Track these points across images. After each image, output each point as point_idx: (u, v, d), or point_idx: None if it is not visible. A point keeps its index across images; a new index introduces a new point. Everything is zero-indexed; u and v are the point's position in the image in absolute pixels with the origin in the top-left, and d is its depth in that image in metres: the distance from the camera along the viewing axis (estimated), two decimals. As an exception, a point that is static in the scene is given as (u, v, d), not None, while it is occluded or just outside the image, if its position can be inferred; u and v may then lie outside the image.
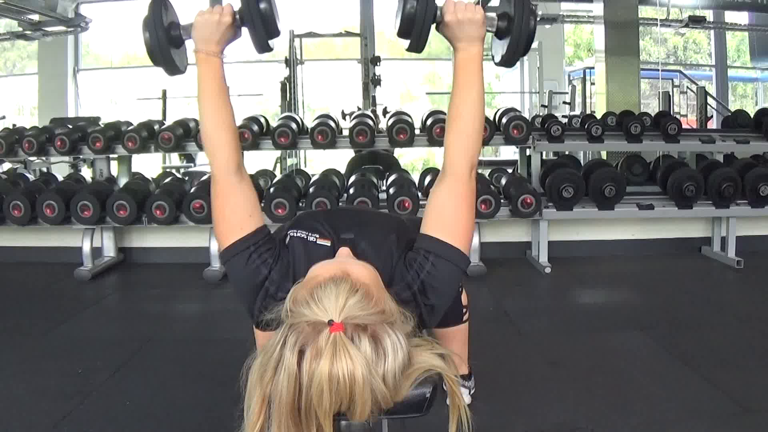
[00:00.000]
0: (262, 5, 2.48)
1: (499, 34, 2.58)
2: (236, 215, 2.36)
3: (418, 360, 1.86)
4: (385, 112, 10.68)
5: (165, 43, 2.52)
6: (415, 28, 2.44)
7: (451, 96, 2.45)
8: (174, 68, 2.61)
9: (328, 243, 2.35)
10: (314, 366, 1.70)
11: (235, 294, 2.45)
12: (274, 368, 1.75)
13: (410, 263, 2.30)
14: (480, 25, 2.41)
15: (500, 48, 2.61)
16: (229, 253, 2.33)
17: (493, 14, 2.55)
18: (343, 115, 9.67)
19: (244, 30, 2.54)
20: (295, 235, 2.39)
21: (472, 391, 3.82)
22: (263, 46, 2.58)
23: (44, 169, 10.36)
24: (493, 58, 2.71)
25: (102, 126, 8.29)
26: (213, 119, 2.44)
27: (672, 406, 3.93)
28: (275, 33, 2.59)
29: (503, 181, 7.74)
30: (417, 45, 2.51)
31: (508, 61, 2.59)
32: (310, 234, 2.38)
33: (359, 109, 10.70)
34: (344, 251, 2.28)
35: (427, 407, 1.98)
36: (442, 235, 2.29)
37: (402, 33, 2.51)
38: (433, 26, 2.49)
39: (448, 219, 2.33)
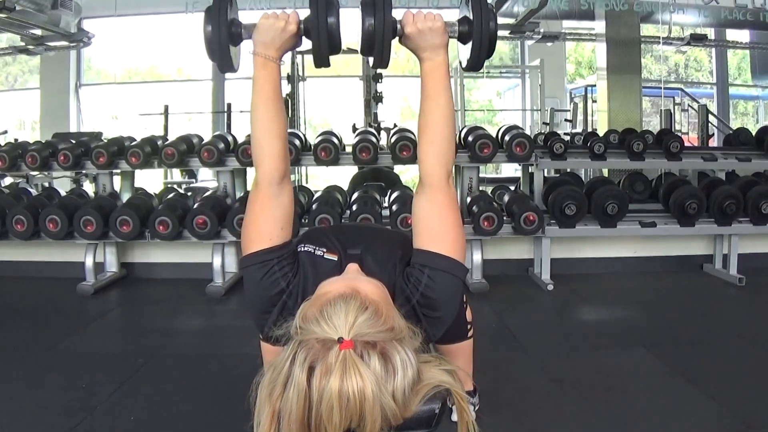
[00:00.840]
0: (331, 19, 2.48)
1: (462, 39, 2.59)
2: (268, 225, 2.36)
3: (426, 376, 1.87)
4: (379, 129, 10.72)
5: (225, 38, 2.52)
6: (376, 45, 2.45)
7: (420, 106, 2.46)
8: (229, 65, 2.61)
9: (335, 257, 2.36)
10: (324, 383, 1.71)
11: (245, 302, 2.44)
12: (283, 384, 1.76)
13: (408, 278, 2.31)
14: (441, 33, 2.41)
15: (465, 52, 2.62)
16: (250, 260, 2.33)
17: (454, 20, 2.57)
18: (354, 129, 9.72)
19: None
20: (302, 249, 2.40)
21: (477, 408, 3.82)
22: (324, 61, 2.58)
23: (47, 184, 10.35)
24: (460, 64, 2.72)
25: (105, 141, 8.30)
26: (265, 126, 2.43)
27: (675, 423, 3.94)
28: (338, 49, 2.58)
29: (506, 198, 7.75)
30: (381, 61, 2.52)
31: (473, 65, 2.61)
32: (317, 248, 2.39)
33: (370, 125, 10.76)
34: (353, 267, 2.29)
35: (436, 423, 1.99)
36: (434, 247, 2.31)
37: (364, 51, 2.52)
38: (396, 40, 2.51)
39: (435, 230, 2.35)
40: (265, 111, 2.43)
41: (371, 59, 2.58)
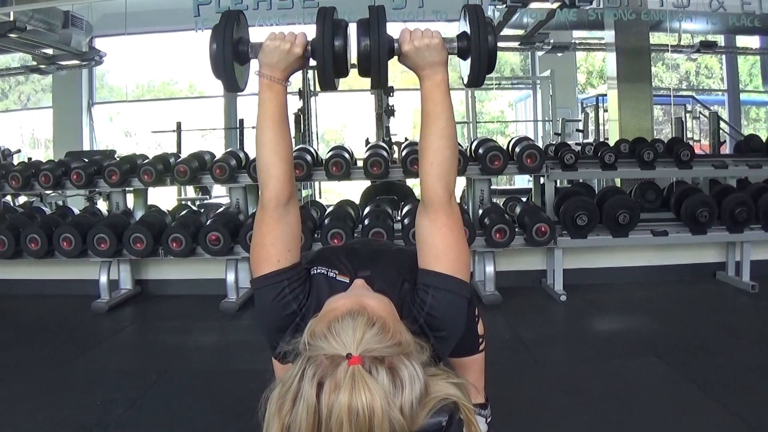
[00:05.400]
0: (337, 42, 2.47)
1: (462, 55, 2.56)
2: (276, 247, 2.38)
3: (434, 389, 1.89)
4: (390, 143, 10.72)
5: (230, 57, 2.51)
6: (372, 66, 2.44)
7: (421, 125, 2.47)
8: (234, 84, 2.59)
9: (347, 280, 2.36)
10: (333, 399, 1.73)
11: (256, 322, 2.46)
12: (292, 400, 1.78)
13: (413, 298, 2.33)
14: (440, 49, 2.40)
15: (465, 68, 2.60)
16: (262, 282, 2.36)
17: (453, 36, 2.56)
18: (367, 143, 9.73)
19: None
20: (316, 271, 2.40)
21: (488, 420, 3.82)
22: (330, 84, 2.57)
23: (60, 203, 10.39)
24: (462, 81, 2.71)
25: (118, 159, 8.35)
26: (271, 147, 2.43)
27: (688, 433, 3.94)
28: (345, 72, 2.58)
29: (517, 210, 7.75)
30: (379, 81, 2.50)
31: (474, 81, 2.58)
32: (330, 270, 2.40)
33: (383, 140, 10.78)
34: (359, 283, 2.30)
35: (443, 435, 2.00)
36: (437, 267, 2.32)
37: (362, 72, 2.51)
38: (396, 59, 2.49)
39: (437, 250, 2.36)
40: (271, 133, 2.43)
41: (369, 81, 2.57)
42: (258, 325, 2.46)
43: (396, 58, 2.51)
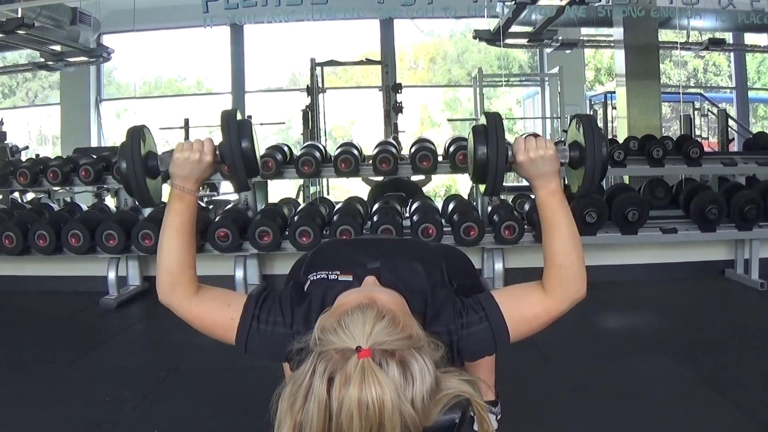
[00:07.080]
0: (244, 144, 2.49)
1: (573, 164, 2.56)
2: (220, 318, 2.36)
3: (446, 386, 1.87)
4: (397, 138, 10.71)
5: (141, 175, 2.51)
6: (489, 174, 2.43)
7: (543, 231, 2.47)
8: (148, 200, 2.61)
9: (349, 278, 2.34)
10: (343, 392, 1.72)
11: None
12: (304, 396, 1.77)
13: (460, 313, 2.30)
14: (554, 160, 2.39)
15: (575, 178, 2.59)
16: (240, 341, 2.33)
17: (564, 146, 2.55)
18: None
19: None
20: (315, 278, 2.38)
21: (499, 417, 3.80)
22: (242, 186, 2.61)
23: (68, 199, 10.39)
24: (568, 188, 2.70)
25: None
26: (176, 258, 2.41)
27: (697, 430, 3.92)
28: (255, 172, 2.60)
29: (526, 206, 7.73)
30: (493, 189, 2.50)
31: (586, 192, 2.58)
32: (330, 272, 2.37)
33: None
34: (370, 279, 2.28)
35: (456, 432, 1.99)
36: (508, 318, 2.31)
37: (476, 179, 2.51)
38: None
39: (523, 316, 2.35)
40: (179, 243, 2.42)
41: (482, 186, 2.58)
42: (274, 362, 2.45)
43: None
